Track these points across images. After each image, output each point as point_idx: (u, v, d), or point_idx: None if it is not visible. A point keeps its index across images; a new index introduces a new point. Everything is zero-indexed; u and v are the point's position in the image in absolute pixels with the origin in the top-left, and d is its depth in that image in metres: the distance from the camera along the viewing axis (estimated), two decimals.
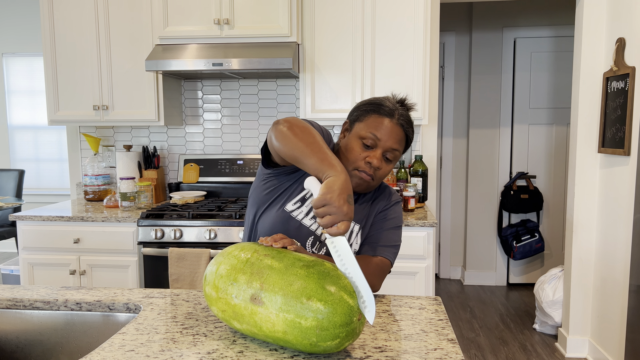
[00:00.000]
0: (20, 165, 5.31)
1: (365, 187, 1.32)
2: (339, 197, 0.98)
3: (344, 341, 0.95)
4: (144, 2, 2.86)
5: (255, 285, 1.00)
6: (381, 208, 1.41)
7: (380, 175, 1.31)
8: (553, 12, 4.21)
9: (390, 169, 1.33)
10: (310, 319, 0.92)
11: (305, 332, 0.93)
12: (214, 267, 1.09)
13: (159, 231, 2.59)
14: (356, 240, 1.37)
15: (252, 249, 1.09)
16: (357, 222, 1.37)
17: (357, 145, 1.29)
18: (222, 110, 3.28)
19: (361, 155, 1.28)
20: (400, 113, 1.31)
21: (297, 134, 1.12)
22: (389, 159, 1.30)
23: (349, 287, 0.95)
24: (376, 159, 1.28)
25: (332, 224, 0.98)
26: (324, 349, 0.95)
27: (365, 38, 2.78)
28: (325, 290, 0.93)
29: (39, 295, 1.37)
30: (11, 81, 5.22)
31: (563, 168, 4.31)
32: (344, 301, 0.93)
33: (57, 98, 2.98)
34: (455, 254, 4.62)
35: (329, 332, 0.92)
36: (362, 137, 1.29)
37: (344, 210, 0.98)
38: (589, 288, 2.95)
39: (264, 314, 0.98)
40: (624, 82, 2.55)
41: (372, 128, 1.28)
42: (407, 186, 2.81)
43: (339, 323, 0.92)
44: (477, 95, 4.35)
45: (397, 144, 1.29)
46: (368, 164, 1.28)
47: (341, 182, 1.00)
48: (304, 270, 0.97)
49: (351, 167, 1.29)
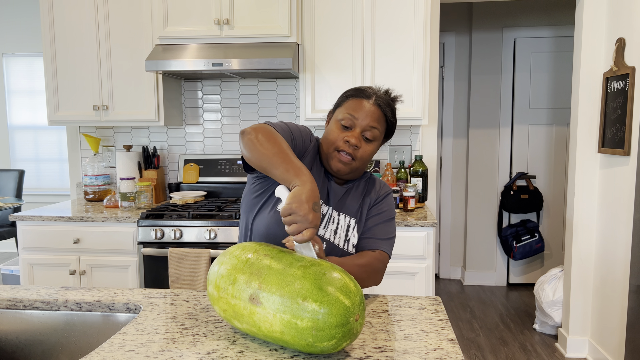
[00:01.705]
0: (20, 166, 5.31)
1: (347, 169, 1.33)
2: (304, 206, 1.01)
3: (341, 342, 0.95)
4: (144, 2, 2.86)
5: (254, 285, 1.00)
6: (373, 200, 1.42)
7: (361, 155, 1.32)
8: (553, 12, 4.21)
9: (371, 149, 1.34)
10: (306, 319, 0.92)
11: (301, 333, 0.93)
12: (216, 267, 1.10)
13: (159, 231, 2.59)
14: (354, 234, 1.38)
15: (253, 249, 1.09)
16: (352, 217, 1.39)
17: (337, 127, 1.33)
18: (222, 111, 3.29)
19: (340, 135, 1.32)
20: (379, 96, 1.34)
21: (262, 144, 1.14)
22: (368, 138, 1.32)
23: (345, 288, 0.95)
24: (354, 137, 1.30)
25: (298, 232, 1.02)
26: (321, 349, 0.95)
27: (365, 38, 2.78)
28: (321, 290, 0.93)
29: (39, 295, 1.37)
30: (11, 81, 5.23)
31: (563, 168, 4.31)
32: (339, 302, 0.93)
33: (57, 98, 2.98)
34: (455, 254, 4.62)
35: (325, 333, 0.92)
36: (341, 119, 1.33)
37: (309, 218, 1.01)
38: (589, 288, 2.95)
39: (262, 314, 0.98)
40: (624, 82, 2.55)
41: (349, 109, 1.32)
42: (407, 186, 2.81)
43: (334, 324, 0.92)
44: (477, 96, 4.35)
45: (374, 122, 1.32)
46: (346, 143, 1.31)
47: (307, 191, 1.03)
48: (301, 270, 0.97)
49: (331, 149, 1.32)
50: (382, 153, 3.19)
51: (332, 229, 1.35)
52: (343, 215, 1.38)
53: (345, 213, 1.38)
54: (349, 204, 1.39)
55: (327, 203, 1.37)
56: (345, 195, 1.40)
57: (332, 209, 1.37)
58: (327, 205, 1.37)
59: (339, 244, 1.36)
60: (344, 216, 1.38)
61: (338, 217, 1.37)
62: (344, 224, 1.37)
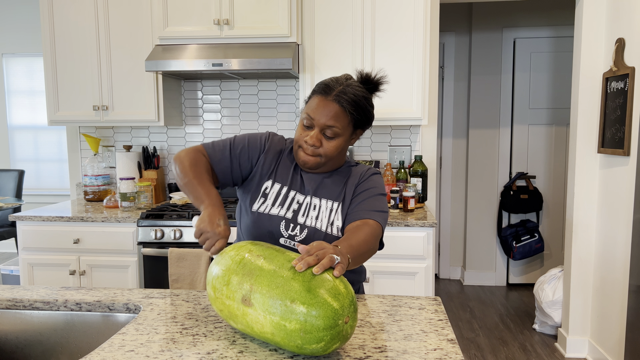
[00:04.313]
0: (20, 166, 5.31)
1: (313, 164, 1.37)
2: (210, 224, 1.18)
3: (330, 344, 0.94)
4: (144, 2, 2.87)
5: (246, 286, 1.01)
6: (357, 181, 1.43)
7: (325, 152, 1.35)
8: (553, 12, 4.22)
9: (334, 144, 1.35)
10: (294, 322, 0.92)
11: (290, 335, 0.93)
12: (212, 267, 1.12)
13: (158, 231, 2.59)
14: (337, 217, 1.39)
15: (247, 249, 1.10)
16: (335, 200, 1.40)
17: (300, 127, 1.38)
18: (222, 111, 3.29)
19: (302, 135, 1.37)
20: (340, 90, 1.32)
21: (178, 176, 1.35)
22: (328, 135, 1.34)
23: (334, 290, 0.94)
24: (311, 138, 1.34)
25: (211, 246, 1.17)
26: (311, 351, 0.94)
27: (365, 38, 2.78)
28: (309, 293, 0.93)
29: (38, 295, 1.38)
30: (11, 81, 5.22)
31: (563, 168, 4.32)
32: (327, 304, 0.92)
33: (57, 98, 2.98)
34: (454, 254, 4.62)
35: (313, 336, 0.92)
36: (303, 119, 1.37)
37: (217, 231, 1.18)
38: (589, 288, 2.95)
39: (253, 315, 0.98)
40: (624, 83, 2.55)
41: (309, 109, 1.35)
42: (407, 186, 2.81)
43: (322, 326, 0.91)
44: (477, 96, 4.35)
45: (331, 121, 1.32)
46: (306, 143, 1.36)
47: (209, 213, 1.21)
48: (290, 272, 0.97)
49: (296, 146, 1.39)
50: (382, 153, 3.19)
51: (313, 216, 1.38)
52: (324, 201, 1.40)
53: (326, 198, 1.40)
54: (330, 188, 1.41)
55: (302, 192, 1.41)
56: (325, 181, 1.42)
57: (310, 196, 1.40)
58: (302, 194, 1.41)
59: (322, 228, 1.37)
60: (325, 201, 1.40)
61: (319, 203, 1.40)
62: (325, 209, 1.39)
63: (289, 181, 1.41)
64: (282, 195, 1.40)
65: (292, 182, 1.41)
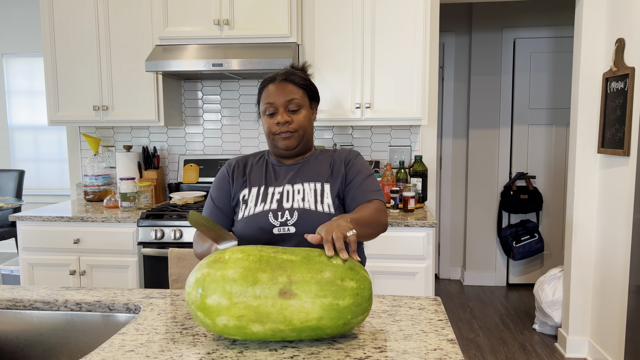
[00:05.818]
0: (20, 166, 5.31)
1: (294, 142, 1.47)
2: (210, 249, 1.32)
3: (367, 314, 1.07)
4: (144, 3, 2.87)
5: (282, 279, 1.01)
6: (344, 160, 1.52)
7: (298, 125, 1.46)
8: (553, 12, 4.22)
9: (303, 115, 1.47)
10: (347, 297, 1.02)
11: (342, 312, 1.02)
12: (219, 273, 1.02)
13: (159, 231, 2.59)
14: (326, 195, 1.45)
15: (256, 248, 1.06)
16: (319, 182, 1.47)
17: (266, 119, 1.48)
18: (222, 111, 3.29)
19: (271, 123, 1.47)
20: (284, 72, 1.47)
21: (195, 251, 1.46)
22: (293, 109, 1.45)
23: (359, 265, 1.08)
24: (282, 117, 1.44)
25: None
26: (353, 325, 1.06)
27: (365, 38, 2.78)
28: (352, 270, 1.05)
29: (38, 295, 1.38)
30: (11, 81, 5.23)
31: (563, 168, 4.32)
32: (366, 277, 1.06)
33: (57, 98, 2.98)
34: (454, 254, 4.62)
35: (361, 307, 1.04)
36: (265, 111, 1.47)
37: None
38: (589, 288, 2.95)
39: (296, 305, 1.00)
40: (624, 83, 2.55)
41: (265, 100, 1.46)
42: (407, 186, 2.81)
43: (367, 296, 1.05)
44: (477, 96, 4.35)
45: (289, 95, 1.44)
46: (279, 125, 1.45)
47: None
48: (324, 257, 1.06)
49: (271, 137, 1.48)
50: (382, 153, 3.19)
51: (299, 198, 1.44)
52: (307, 184, 1.46)
53: (308, 181, 1.47)
54: (310, 173, 1.49)
55: (279, 185, 1.48)
56: (302, 169, 1.50)
57: (290, 184, 1.47)
58: (280, 186, 1.47)
59: (311, 207, 1.42)
60: (308, 184, 1.47)
61: (302, 187, 1.46)
62: (309, 190, 1.45)
63: (264, 181, 1.50)
64: (261, 194, 1.47)
65: (267, 180, 1.50)
